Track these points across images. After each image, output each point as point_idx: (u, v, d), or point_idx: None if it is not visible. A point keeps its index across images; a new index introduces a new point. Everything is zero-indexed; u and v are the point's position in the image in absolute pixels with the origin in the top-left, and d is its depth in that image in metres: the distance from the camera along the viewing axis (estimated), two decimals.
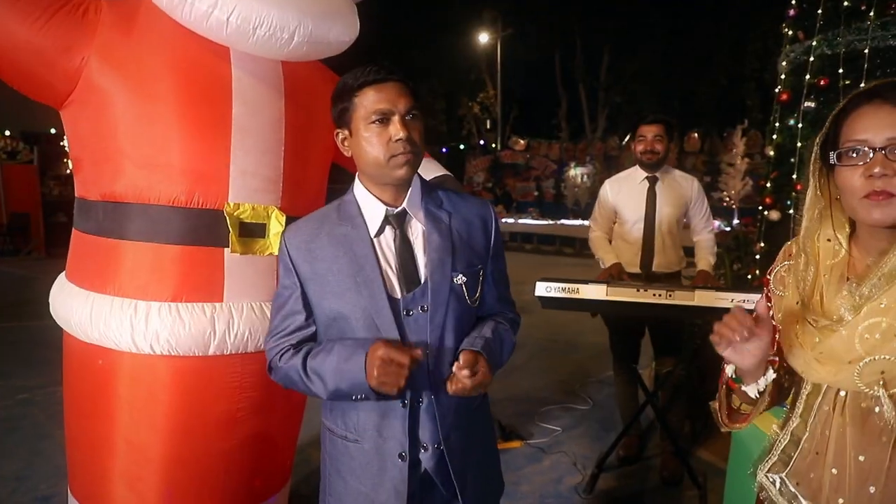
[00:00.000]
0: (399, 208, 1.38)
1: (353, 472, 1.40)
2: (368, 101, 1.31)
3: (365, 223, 1.37)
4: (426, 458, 1.38)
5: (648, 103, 17.06)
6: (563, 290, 2.91)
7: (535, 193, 17.19)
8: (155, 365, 1.85)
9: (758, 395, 1.18)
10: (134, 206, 1.84)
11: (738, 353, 1.11)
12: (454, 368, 1.30)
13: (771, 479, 1.22)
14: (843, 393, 1.09)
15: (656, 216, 3.26)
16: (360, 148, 1.33)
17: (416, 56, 21.79)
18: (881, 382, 1.03)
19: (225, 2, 1.72)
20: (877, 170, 1.01)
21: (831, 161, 1.10)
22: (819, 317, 1.11)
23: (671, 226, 3.28)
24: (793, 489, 1.17)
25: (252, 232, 1.92)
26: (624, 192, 3.38)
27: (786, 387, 1.24)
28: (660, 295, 2.71)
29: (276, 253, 1.96)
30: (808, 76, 3.59)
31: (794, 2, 4.00)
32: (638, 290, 2.77)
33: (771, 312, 1.19)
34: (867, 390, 1.04)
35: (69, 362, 2.05)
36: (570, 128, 21.69)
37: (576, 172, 16.61)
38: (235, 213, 1.88)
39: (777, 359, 1.20)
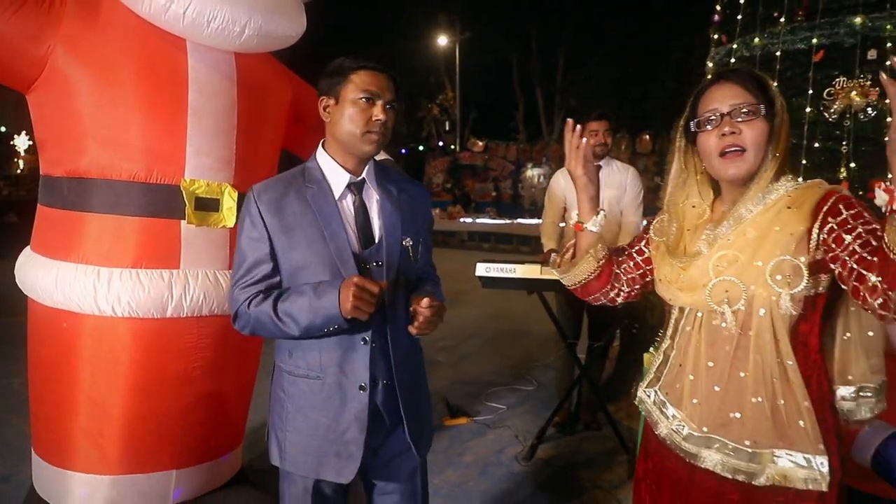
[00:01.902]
0: (359, 178, 1.60)
1: (315, 407, 1.58)
2: (362, 80, 1.54)
3: (329, 187, 1.58)
4: (377, 392, 1.58)
5: (602, 106, 17.54)
6: (501, 270, 3.17)
7: (494, 194, 17.52)
8: (116, 326, 2.03)
9: (595, 230, 1.51)
10: (97, 181, 2.02)
11: (583, 169, 1.50)
12: (419, 305, 1.50)
13: (647, 393, 1.48)
14: (699, 314, 1.35)
15: (600, 199, 3.56)
16: (341, 118, 1.55)
17: (375, 57, 21.95)
18: (726, 300, 1.28)
19: None
20: (726, 129, 1.29)
21: (692, 129, 1.36)
22: (682, 257, 1.37)
23: (611, 206, 3.58)
24: (662, 398, 1.42)
25: (207, 206, 2.12)
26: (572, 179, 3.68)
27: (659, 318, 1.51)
28: None
29: (230, 226, 2.17)
30: None
31: (718, 8, 4.34)
32: None
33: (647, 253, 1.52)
34: (716, 307, 1.29)
35: (34, 328, 2.20)
36: (527, 130, 22.13)
37: (533, 173, 17.01)
38: (191, 189, 2.08)
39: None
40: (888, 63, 3.09)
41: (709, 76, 1.50)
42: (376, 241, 1.59)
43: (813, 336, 1.29)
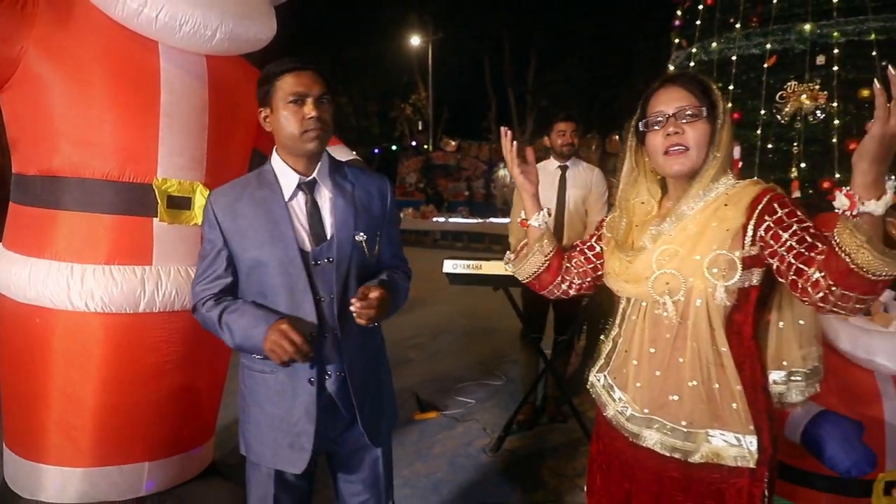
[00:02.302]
0: (310, 177, 1.66)
1: (270, 399, 1.67)
2: (287, 85, 1.59)
3: (280, 188, 1.65)
4: (330, 384, 1.66)
5: (572, 107, 17.77)
6: (468, 266, 3.26)
7: (466, 193, 17.59)
8: (89, 321, 2.08)
9: (537, 225, 1.62)
10: (70, 179, 2.06)
11: (521, 170, 1.61)
12: (355, 299, 1.56)
13: (597, 378, 1.58)
14: (643, 304, 1.45)
15: (566, 198, 3.69)
16: (279, 123, 1.61)
17: (350, 58, 21.92)
18: (667, 291, 1.38)
19: (154, 1, 1.97)
20: (670, 129, 1.39)
21: (641, 129, 1.46)
22: (629, 251, 1.47)
23: (577, 205, 3.71)
24: (610, 382, 1.53)
25: (179, 204, 2.17)
26: (540, 178, 3.79)
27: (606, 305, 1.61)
28: None
29: (201, 223, 2.22)
30: None
31: (679, 13, 4.49)
32: None
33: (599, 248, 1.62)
34: (658, 298, 1.39)
35: (5, 323, 2.23)
36: (499, 130, 22.20)
37: (505, 173, 17.10)
38: (163, 187, 2.13)
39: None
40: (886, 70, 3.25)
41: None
42: (328, 238, 1.65)
43: (746, 325, 1.39)
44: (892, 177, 1.04)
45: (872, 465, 1.47)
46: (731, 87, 3.81)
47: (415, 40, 22.71)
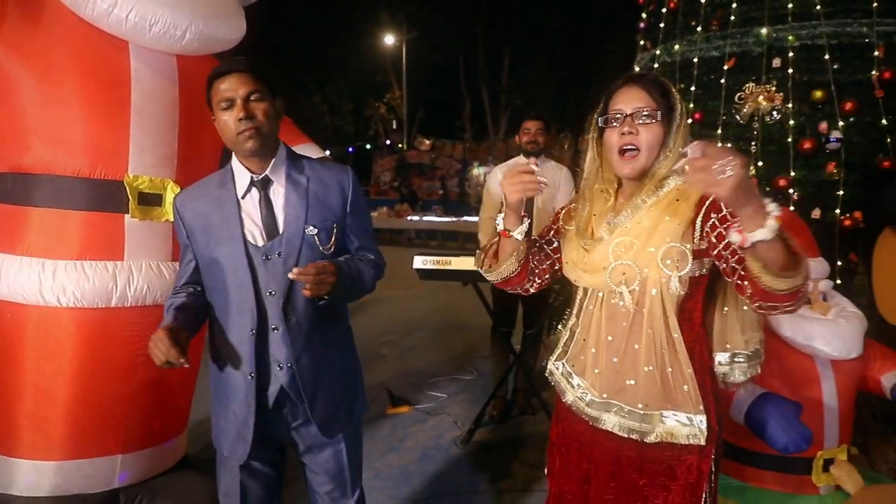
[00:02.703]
0: (263, 175, 1.70)
1: (223, 391, 1.74)
2: (219, 91, 1.63)
3: (235, 187, 1.70)
4: (282, 376, 1.69)
5: (547, 106, 17.94)
6: (437, 262, 3.33)
7: (440, 192, 17.69)
8: (61, 316, 2.12)
9: (521, 237, 1.56)
10: (41, 176, 2.10)
11: (516, 194, 1.47)
12: (293, 272, 1.55)
13: (555, 366, 1.65)
14: (600, 294, 1.52)
15: (534, 196, 3.78)
16: (219, 128, 1.66)
17: (324, 57, 21.85)
18: (623, 281, 1.46)
19: (125, 1, 2.01)
20: (626, 129, 1.46)
21: (600, 125, 1.53)
22: (588, 239, 1.54)
23: (545, 203, 3.80)
24: (569, 369, 1.60)
25: (150, 201, 2.22)
26: None
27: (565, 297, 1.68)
28: None
29: (172, 219, 2.26)
30: None
31: (644, 15, 4.60)
32: None
33: (556, 243, 1.67)
34: (615, 288, 1.47)
35: None
36: (473, 129, 22.40)
37: (479, 172, 17.26)
38: (134, 184, 2.18)
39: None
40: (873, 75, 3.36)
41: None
42: (280, 233, 1.68)
43: (697, 311, 1.48)
44: (770, 200, 1.13)
45: (808, 442, 1.57)
46: (692, 89, 3.91)
47: (389, 39, 22.72)
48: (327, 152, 2.92)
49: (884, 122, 3.22)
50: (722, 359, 1.53)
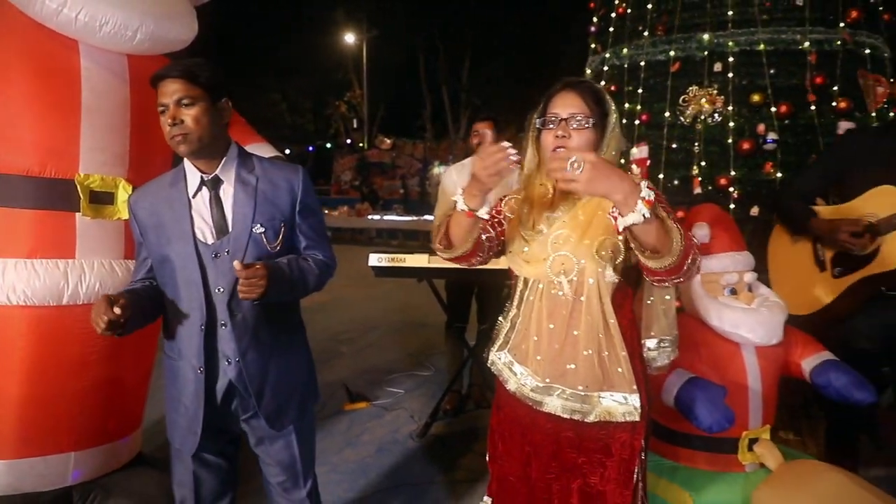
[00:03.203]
0: (213, 174, 1.74)
1: (174, 384, 1.80)
2: (157, 95, 1.68)
3: (186, 186, 1.75)
4: (229, 370, 1.74)
5: (505, 106, 18.12)
6: (392, 259, 3.40)
7: (401, 191, 17.75)
8: (11, 314, 2.12)
9: (486, 217, 1.59)
10: None
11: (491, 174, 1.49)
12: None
13: (498, 356, 1.74)
14: (541, 285, 1.61)
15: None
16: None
17: (284, 54, 21.64)
18: (562, 272, 1.55)
19: (74, 1, 2.03)
20: (559, 132, 1.55)
21: (538, 126, 1.62)
22: (529, 231, 1.63)
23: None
24: (511, 358, 1.69)
25: (102, 199, 2.23)
26: (463, 176, 3.96)
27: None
28: None
29: (125, 217, 2.29)
30: (602, 82, 4.29)
31: (595, 20, 4.73)
32: None
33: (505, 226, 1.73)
34: (554, 278, 1.56)
35: None
36: (434, 128, 22.50)
37: (439, 171, 17.33)
38: (86, 183, 2.19)
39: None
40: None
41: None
42: (229, 231, 1.73)
43: (628, 299, 1.60)
44: (648, 185, 1.25)
45: (731, 422, 1.69)
46: (640, 91, 4.04)
47: (349, 38, 22.63)
48: (287, 151, 2.95)
49: (816, 124, 3.39)
50: (650, 344, 1.66)
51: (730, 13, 3.64)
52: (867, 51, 3.47)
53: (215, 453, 1.85)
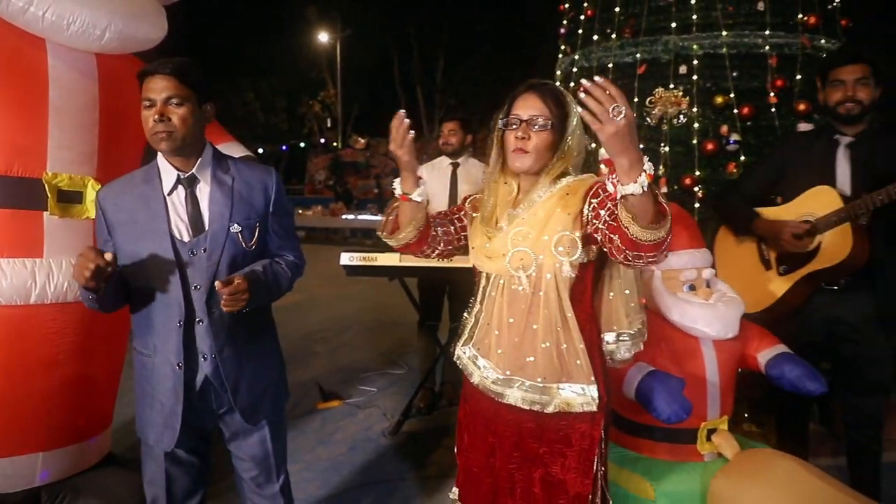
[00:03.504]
0: (189, 173, 1.77)
1: (149, 380, 1.80)
2: (143, 90, 1.70)
3: (161, 184, 1.76)
4: (205, 366, 1.77)
5: (481, 105, 18.20)
6: (364, 259, 3.42)
7: (376, 191, 17.67)
8: None
9: (420, 199, 1.68)
10: None
11: (403, 151, 1.60)
12: (219, 282, 1.65)
13: (463, 350, 1.79)
14: (501, 281, 1.66)
15: (457, 193, 3.92)
16: (143, 125, 1.72)
17: (257, 52, 21.46)
18: (521, 267, 1.60)
19: (41, 0, 2.02)
20: (520, 133, 1.60)
21: (500, 126, 1.67)
22: (491, 228, 1.68)
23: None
24: (475, 352, 1.74)
25: (70, 198, 2.23)
26: (433, 174, 4.02)
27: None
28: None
29: (93, 217, 2.28)
30: (572, 84, 4.37)
31: (565, 22, 4.80)
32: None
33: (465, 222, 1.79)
34: (514, 273, 1.61)
35: None
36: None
37: None
38: (53, 182, 2.19)
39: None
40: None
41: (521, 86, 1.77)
42: (206, 229, 1.75)
43: (587, 294, 1.65)
44: (648, 158, 1.27)
45: (688, 413, 1.75)
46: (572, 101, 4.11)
47: (323, 37, 22.52)
48: (260, 150, 2.97)
49: (777, 125, 3.50)
50: (609, 338, 1.72)
51: (694, 17, 3.72)
52: (825, 55, 3.59)
53: (188, 450, 1.86)
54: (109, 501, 2.44)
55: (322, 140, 22.30)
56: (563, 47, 4.87)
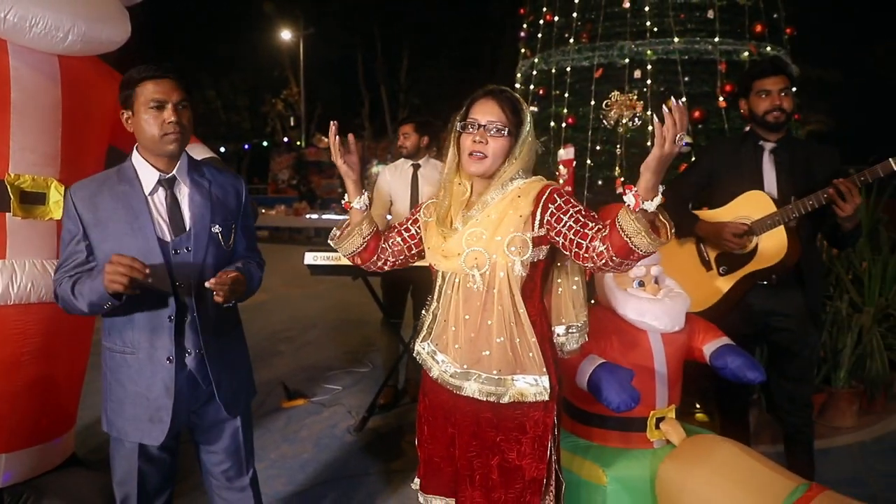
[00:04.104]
0: (170, 174, 1.82)
1: (131, 377, 1.82)
2: (148, 91, 1.75)
3: (140, 184, 1.80)
4: (190, 361, 1.83)
5: (443, 106, 18.29)
6: (328, 258, 3.47)
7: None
8: None
9: (364, 208, 1.83)
10: None
11: (340, 161, 1.79)
12: (210, 282, 1.72)
13: (422, 346, 1.86)
14: (457, 279, 1.74)
15: (419, 194, 3.99)
16: (140, 126, 1.77)
17: (218, 49, 21.16)
18: (475, 266, 1.68)
19: (2, 1, 2.03)
20: (477, 138, 1.68)
21: (458, 129, 1.74)
22: (447, 228, 1.76)
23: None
24: (433, 348, 1.82)
25: (33, 199, 2.24)
26: (395, 176, 4.09)
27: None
28: None
29: (56, 217, 2.30)
30: (532, 86, 4.48)
31: (525, 26, 4.91)
32: None
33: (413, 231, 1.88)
34: (468, 271, 1.69)
35: None
36: (372, 127, 22.46)
37: (377, 170, 17.36)
38: (16, 183, 2.19)
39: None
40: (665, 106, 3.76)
41: (481, 89, 1.84)
42: (187, 229, 1.82)
43: (537, 290, 1.75)
44: (662, 185, 1.40)
45: (636, 402, 1.86)
46: (566, 95, 4.23)
47: (286, 35, 22.31)
48: (222, 149, 3.01)
49: (726, 128, 3.65)
50: (559, 330, 1.82)
51: (648, 24, 3.86)
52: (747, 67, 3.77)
53: (161, 447, 1.89)
54: (73, 502, 2.44)
55: (285, 139, 22.10)
56: (523, 50, 4.98)
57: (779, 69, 2.59)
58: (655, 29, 3.87)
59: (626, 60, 3.95)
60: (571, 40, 4.27)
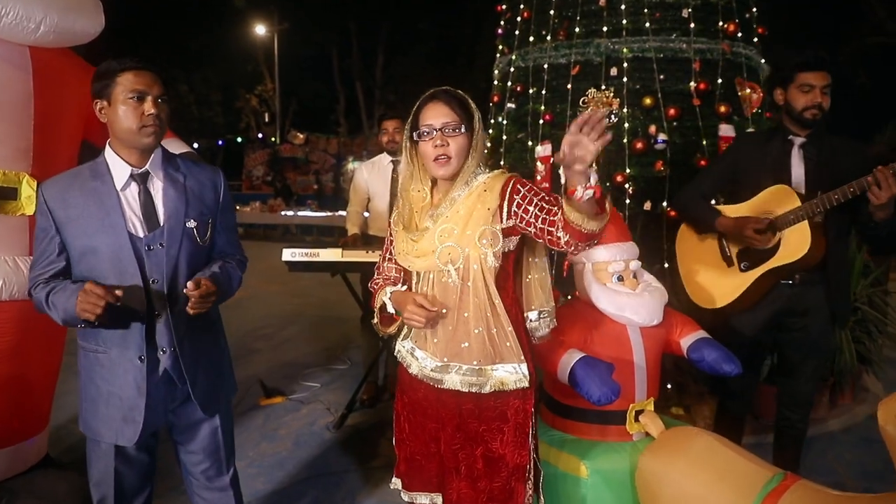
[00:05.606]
0: (143, 169, 1.79)
1: (103, 377, 1.80)
2: (128, 81, 1.72)
3: (112, 179, 1.77)
4: (164, 359, 1.80)
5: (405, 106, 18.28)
6: (306, 254, 3.45)
7: (315, 187, 17.57)
8: None
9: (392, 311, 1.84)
10: None
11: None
12: (187, 288, 1.71)
13: (402, 345, 1.88)
14: (431, 276, 1.76)
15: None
16: (117, 117, 1.73)
17: (191, 43, 20.85)
18: (450, 261, 1.70)
19: None
20: (438, 142, 1.70)
21: (415, 139, 1.75)
22: (415, 232, 1.77)
23: None
24: (412, 345, 1.84)
25: (4, 195, 2.19)
26: (374, 173, 4.08)
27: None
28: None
29: (29, 213, 2.25)
30: (510, 83, 4.49)
31: (502, 22, 4.92)
32: (367, 252, 3.40)
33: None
34: (443, 267, 1.71)
35: None
36: (348, 123, 22.36)
37: (353, 166, 17.28)
38: None
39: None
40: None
41: (427, 93, 1.81)
42: (161, 225, 1.79)
43: (509, 280, 1.79)
44: (594, 167, 1.42)
45: (616, 395, 1.89)
46: (543, 92, 4.25)
47: (260, 29, 22.06)
48: (196, 145, 2.97)
49: (700, 126, 3.70)
50: (532, 316, 1.87)
51: (624, 22, 3.89)
52: (744, 60, 3.82)
53: (138, 447, 1.86)
54: (47, 503, 2.40)
55: (260, 135, 21.88)
56: (500, 47, 4.99)
57: (825, 64, 2.47)
58: (631, 27, 3.90)
59: (603, 58, 3.97)
60: (549, 38, 4.28)
